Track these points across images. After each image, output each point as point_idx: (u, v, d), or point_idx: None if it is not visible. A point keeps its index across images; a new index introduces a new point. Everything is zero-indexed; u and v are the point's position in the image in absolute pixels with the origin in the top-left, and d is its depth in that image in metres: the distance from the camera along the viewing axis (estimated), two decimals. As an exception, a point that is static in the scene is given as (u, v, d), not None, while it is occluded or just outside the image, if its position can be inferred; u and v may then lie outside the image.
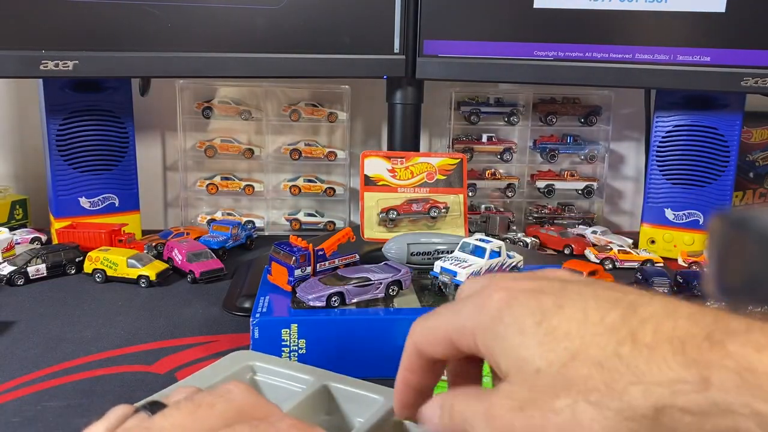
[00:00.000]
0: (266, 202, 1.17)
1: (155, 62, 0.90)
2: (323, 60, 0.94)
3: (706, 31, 0.91)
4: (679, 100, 1.02)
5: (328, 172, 1.20)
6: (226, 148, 1.14)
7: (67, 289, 0.87)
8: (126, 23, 0.88)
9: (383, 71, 0.97)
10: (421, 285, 0.73)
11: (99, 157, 1.01)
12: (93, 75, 0.91)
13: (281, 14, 0.92)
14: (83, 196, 1.01)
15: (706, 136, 1.02)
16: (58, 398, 0.59)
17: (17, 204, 1.10)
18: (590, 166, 1.19)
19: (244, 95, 1.17)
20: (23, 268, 0.88)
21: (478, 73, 0.96)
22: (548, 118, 1.16)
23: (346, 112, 1.14)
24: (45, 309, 0.80)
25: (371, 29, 0.94)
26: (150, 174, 1.21)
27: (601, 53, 0.93)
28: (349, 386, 0.50)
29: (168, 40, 0.90)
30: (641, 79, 0.94)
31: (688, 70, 0.92)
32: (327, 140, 1.19)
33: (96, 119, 1.00)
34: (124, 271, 0.88)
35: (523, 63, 0.94)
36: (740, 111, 1.00)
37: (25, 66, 0.86)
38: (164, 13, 0.89)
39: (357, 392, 0.49)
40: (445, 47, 0.95)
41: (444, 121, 1.18)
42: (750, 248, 0.17)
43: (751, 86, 0.91)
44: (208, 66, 0.91)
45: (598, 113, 1.16)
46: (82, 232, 0.97)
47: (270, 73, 0.94)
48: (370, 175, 0.98)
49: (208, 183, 1.14)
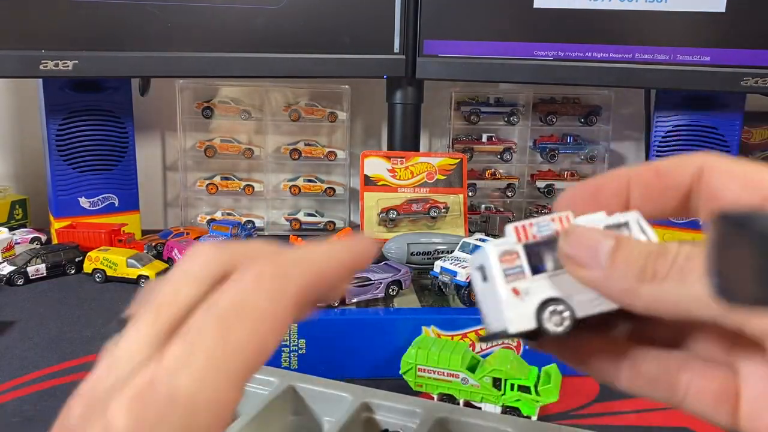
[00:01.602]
0: (266, 202, 1.17)
1: (155, 62, 0.90)
2: (323, 60, 0.94)
3: (706, 31, 0.91)
4: (679, 100, 1.02)
5: (328, 172, 1.20)
6: (226, 148, 1.14)
7: (67, 289, 0.87)
8: (126, 23, 0.88)
9: (383, 71, 0.96)
10: (421, 285, 0.73)
11: (99, 157, 1.01)
12: (93, 75, 0.91)
13: (281, 14, 0.92)
14: (83, 196, 1.01)
15: (706, 136, 1.02)
16: (57, 398, 0.59)
17: (17, 204, 1.10)
18: (590, 166, 1.18)
19: (244, 95, 1.16)
20: (23, 268, 0.88)
21: (478, 72, 0.96)
22: (548, 118, 1.16)
23: (346, 111, 1.14)
24: (45, 309, 0.80)
25: (371, 29, 0.94)
26: (150, 174, 1.20)
27: (601, 53, 0.93)
28: (316, 386, 0.50)
29: (168, 39, 0.89)
30: (641, 79, 0.94)
31: (688, 70, 0.92)
32: (327, 140, 1.18)
33: (96, 119, 1.00)
34: (123, 271, 0.88)
35: (523, 63, 0.94)
36: (740, 111, 1.00)
37: (25, 66, 0.86)
38: (164, 13, 0.89)
39: (324, 391, 0.49)
40: (445, 47, 0.95)
41: (444, 121, 1.18)
42: (751, 248, 0.17)
43: (751, 86, 0.91)
44: (208, 66, 0.91)
45: (598, 113, 1.16)
46: (82, 232, 0.97)
47: (270, 72, 0.94)
48: (370, 175, 0.98)
49: (207, 183, 1.14)
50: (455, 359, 0.58)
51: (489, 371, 0.58)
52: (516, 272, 0.27)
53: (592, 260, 0.25)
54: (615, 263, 0.25)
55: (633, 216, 0.27)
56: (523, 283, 0.27)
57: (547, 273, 0.27)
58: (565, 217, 0.27)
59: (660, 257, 0.24)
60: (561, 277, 0.27)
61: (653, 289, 0.24)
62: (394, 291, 0.68)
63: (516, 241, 0.27)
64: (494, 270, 0.27)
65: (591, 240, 0.26)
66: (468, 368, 0.59)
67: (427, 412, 0.52)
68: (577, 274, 0.26)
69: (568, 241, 0.26)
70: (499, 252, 0.27)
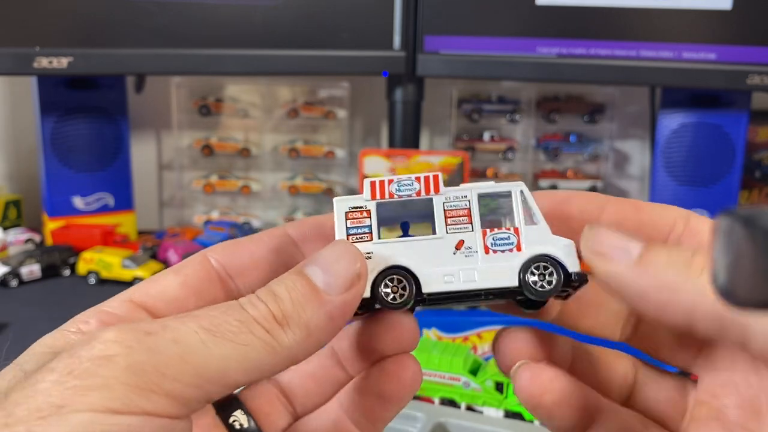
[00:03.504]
0: (263, 201, 1.15)
1: (150, 59, 0.89)
2: (322, 57, 0.92)
3: (712, 28, 0.90)
4: (684, 98, 1.01)
5: (327, 170, 1.18)
6: (223, 147, 1.13)
7: (61, 291, 0.85)
8: (121, 20, 0.87)
9: (383, 68, 0.95)
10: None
11: (93, 156, 1.00)
12: (87, 72, 0.90)
13: (279, 10, 0.90)
14: (77, 196, 0.99)
15: (712, 135, 1.00)
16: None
17: (11, 204, 1.09)
18: (594, 165, 1.17)
19: (241, 92, 1.15)
20: (17, 269, 0.86)
21: (480, 69, 0.94)
22: (551, 116, 1.14)
23: (346, 109, 1.13)
24: (39, 311, 0.79)
25: (371, 25, 0.92)
26: (145, 173, 1.19)
27: (605, 50, 0.92)
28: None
29: (163, 36, 0.88)
30: (646, 77, 0.93)
31: (693, 67, 0.91)
32: (326, 138, 1.17)
33: (90, 117, 0.98)
34: (118, 273, 0.86)
35: (526, 60, 0.93)
36: (746, 109, 0.99)
37: (19, 63, 0.85)
38: (160, 10, 0.87)
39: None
40: (446, 43, 0.93)
41: (445, 119, 1.17)
42: (757, 247, 0.16)
43: (757, 84, 0.90)
44: (205, 63, 0.90)
45: (602, 111, 1.15)
46: (77, 232, 0.95)
47: (268, 69, 0.93)
48: (369, 174, 0.97)
49: (204, 182, 1.13)
50: (457, 362, 0.57)
51: (491, 374, 0.57)
52: (361, 232, 0.25)
53: (623, 252, 0.24)
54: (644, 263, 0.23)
55: (517, 187, 0.25)
56: (367, 245, 0.25)
57: (399, 238, 0.25)
58: (432, 177, 0.25)
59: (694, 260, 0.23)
60: (413, 243, 0.25)
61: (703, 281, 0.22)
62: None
63: (369, 198, 0.25)
64: (337, 226, 0.25)
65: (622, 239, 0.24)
66: (470, 371, 0.58)
67: (428, 417, 0.51)
68: (601, 266, 0.24)
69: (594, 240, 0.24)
70: (346, 207, 0.25)
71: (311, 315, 0.22)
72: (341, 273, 0.23)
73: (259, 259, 0.27)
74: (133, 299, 0.24)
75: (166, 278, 0.25)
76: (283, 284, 0.23)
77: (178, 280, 0.25)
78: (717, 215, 0.18)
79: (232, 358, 0.20)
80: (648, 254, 0.23)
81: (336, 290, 0.23)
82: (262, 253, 0.27)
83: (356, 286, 0.23)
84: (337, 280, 0.23)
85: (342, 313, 0.23)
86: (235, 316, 0.21)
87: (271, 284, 0.23)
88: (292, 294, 0.22)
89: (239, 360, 0.21)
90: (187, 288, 0.25)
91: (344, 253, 0.23)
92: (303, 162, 1.14)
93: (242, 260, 0.26)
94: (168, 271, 0.26)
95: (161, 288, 0.25)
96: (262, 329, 0.21)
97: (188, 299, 0.25)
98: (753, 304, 0.16)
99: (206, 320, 0.21)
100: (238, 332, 0.21)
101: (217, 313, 0.21)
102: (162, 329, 0.20)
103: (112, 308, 0.24)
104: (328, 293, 0.22)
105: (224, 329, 0.21)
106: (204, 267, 0.26)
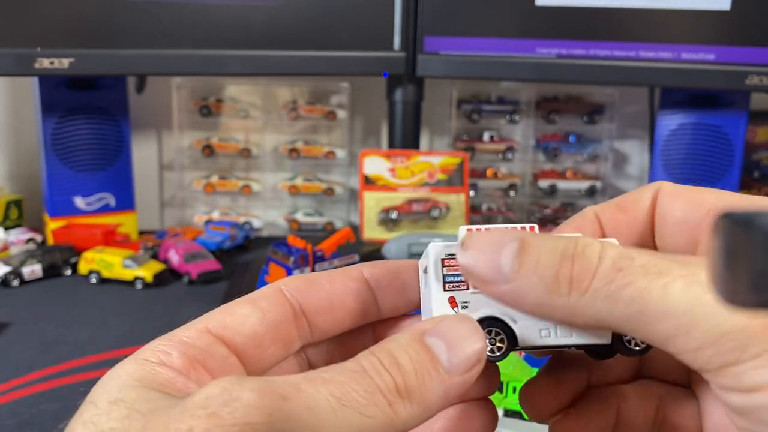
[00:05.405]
0: (264, 201, 1.16)
1: (151, 60, 0.89)
2: (322, 57, 0.93)
3: (711, 29, 0.90)
4: (683, 98, 1.01)
5: (327, 171, 1.19)
6: (224, 147, 1.13)
7: (63, 291, 0.86)
8: (122, 20, 0.87)
9: (383, 68, 0.95)
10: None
11: (94, 156, 1.00)
12: (88, 72, 0.90)
13: (280, 11, 0.90)
14: (79, 196, 1.00)
15: (711, 135, 1.01)
16: (53, 400, 0.58)
17: (12, 204, 1.09)
18: (593, 165, 1.17)
19: (242, 93, 1.15)
20: (18, 269, 0.86)
21: (480, 70, 0.95)
22: (550, 116, 1.15)
23: (346, 110, 1.13)
24: (40, 310, 0.79)
25: (371, 26, 0.93)
26: (146, 173, 1.19)
27: (605, 51, 0.93)
28: None
29: (165, 37, 0.88)
30: (645, 77, 0.93)
31: (692, 68, 0.91)
32: (326, 139, 1.17)
33: (91, 118, 0.99)
34: (119, 272, 0.86)
35: (525, 60, 0.93)
36: (745, 109, 0.99)
37: (20, 64, 0.85)
38: (161, 10, 0.88)
39: None
40: (446, 44, 0.94)
41: (445, 120, 1.17)
42: (756, 248, 0.16)
43: (756, 84, 0.90)
44: (206, 63, 0.90)
45: (601, 111, 1.15)
46: (78, 232, 0.96)
47: (268, 70, 0.93)
48: (369, 175, 0.97)
49: (205, 182, 1.13)
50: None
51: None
52: (458, 280, 0.24)
53: (496, 270, 0.22)
54: (521, 271, 0.22)
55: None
56: (464, 294, 0.24)
57: None
58: (528, 228, 0.24)
59: (578, 261, 0.22)
60: None
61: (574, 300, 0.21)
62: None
63: None
64: (433, 274, 0.24)
65: (491, 243, 0.22)
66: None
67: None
68: (483, 290, 0.23)
69: (465, 247, 0.23)
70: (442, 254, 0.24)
71: (431, 392, 0.21)
72: (466, 354, 0.22)
73: (337, 304, 0.26)
74: (210, 329, 0.24)
75: (242, 309, 0.25)
76: (406, 354, 0.21)
77: (257, 314, 0.25)
78: (716, 217, 0.17)
79: (355, 429, 0.20)
80: (523, 260, 0.22)
81: (458, 371, 0.22)
82: (340, 297, 0.26)
83: (477, 367, 0.22)
84: (461, 360, 0.22)
85: (458, 394, 0.22)
86: (363, 385, 0.20)
87: (392, 349, 0.22)
88: (417, 366, 0.21)
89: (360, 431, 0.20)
90: (266, 325, 0.24)
91: (471, 333, 0.22)
92: (303, 162, 1.14)
93: (320, 302, 0.26)
94: (243, 302, 0.25)
95: (239, 320, 0.24)
96: (386, 402, 0.20)
97: (266, 336, 0.24)
98: (753, 306, 0.16)
99: (337, 388, 0.20)
100: (366, 404, 0.20)
101: (346, 379, 0.20)
102: (296, 394, 0.19)
103: (190, 339, 0.23)
104: (449, 372, 0.22)
105: (352, 398, 0.20)
106: (281, 302, 0.25)
